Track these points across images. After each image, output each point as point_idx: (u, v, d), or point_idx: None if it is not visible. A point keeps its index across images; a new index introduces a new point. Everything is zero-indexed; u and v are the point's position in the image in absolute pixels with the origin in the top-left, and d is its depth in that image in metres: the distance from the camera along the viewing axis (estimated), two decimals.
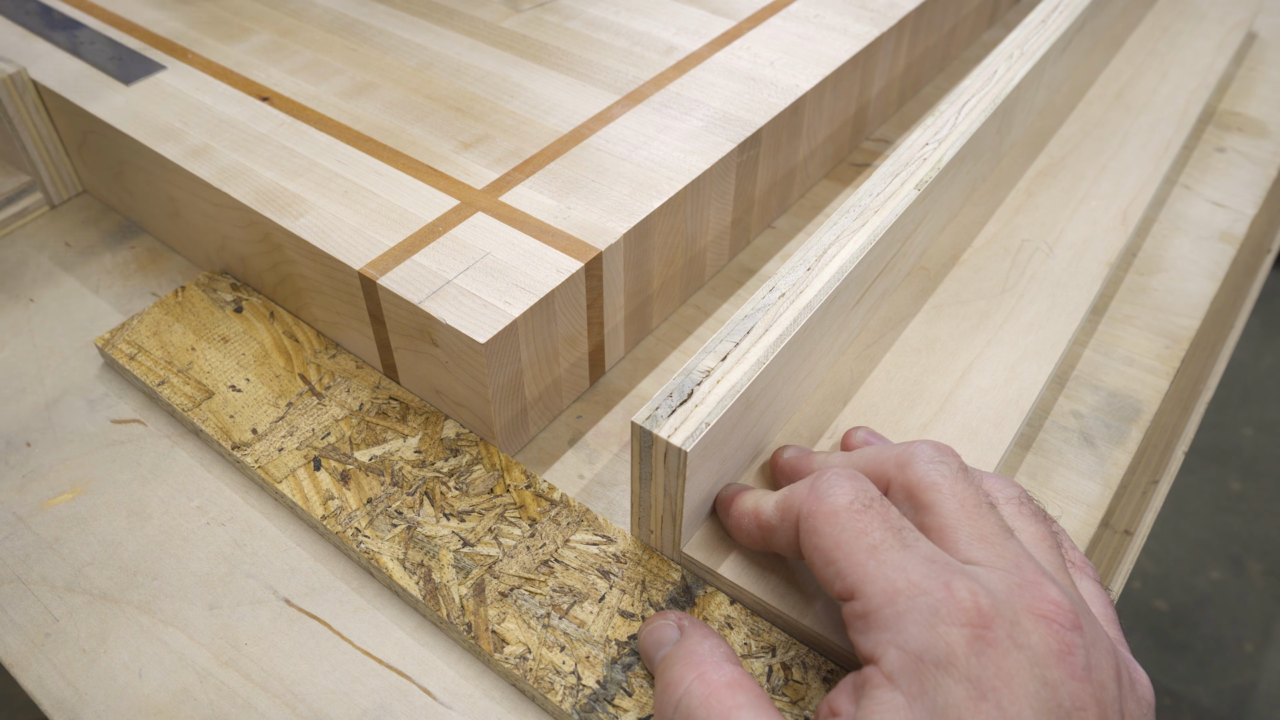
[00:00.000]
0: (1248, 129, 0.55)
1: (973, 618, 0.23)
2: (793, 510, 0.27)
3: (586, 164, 0.40)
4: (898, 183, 0.38)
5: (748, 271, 0.45)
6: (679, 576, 0.32)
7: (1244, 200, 0.50)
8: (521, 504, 0.34)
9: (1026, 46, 0.46)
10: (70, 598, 0.33)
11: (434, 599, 0.31)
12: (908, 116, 0.56)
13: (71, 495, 0.36)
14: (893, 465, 0.28)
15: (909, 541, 0.25)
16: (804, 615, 0.30)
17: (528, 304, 0.33)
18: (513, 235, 0.36)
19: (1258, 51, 0.62)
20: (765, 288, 0.33)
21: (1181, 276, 0.45)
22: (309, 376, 0.38)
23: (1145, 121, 0.51)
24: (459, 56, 0.47)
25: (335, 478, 0.35)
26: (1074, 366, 0.41)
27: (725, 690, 0.25)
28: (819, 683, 0.29)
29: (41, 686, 0.30)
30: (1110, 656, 0.24)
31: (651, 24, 0.50)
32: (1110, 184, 0.47)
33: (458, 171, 0.40)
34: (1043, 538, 0.27)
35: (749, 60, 0.46)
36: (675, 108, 0.43)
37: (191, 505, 0.35)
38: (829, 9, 0.50)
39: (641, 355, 0.41)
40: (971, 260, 0.42)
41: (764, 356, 0.30)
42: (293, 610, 0.32)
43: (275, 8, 0.52)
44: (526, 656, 0.30)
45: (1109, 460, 0.37)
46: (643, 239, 0.38)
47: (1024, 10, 0.66)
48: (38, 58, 0.47)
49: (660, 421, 0.29)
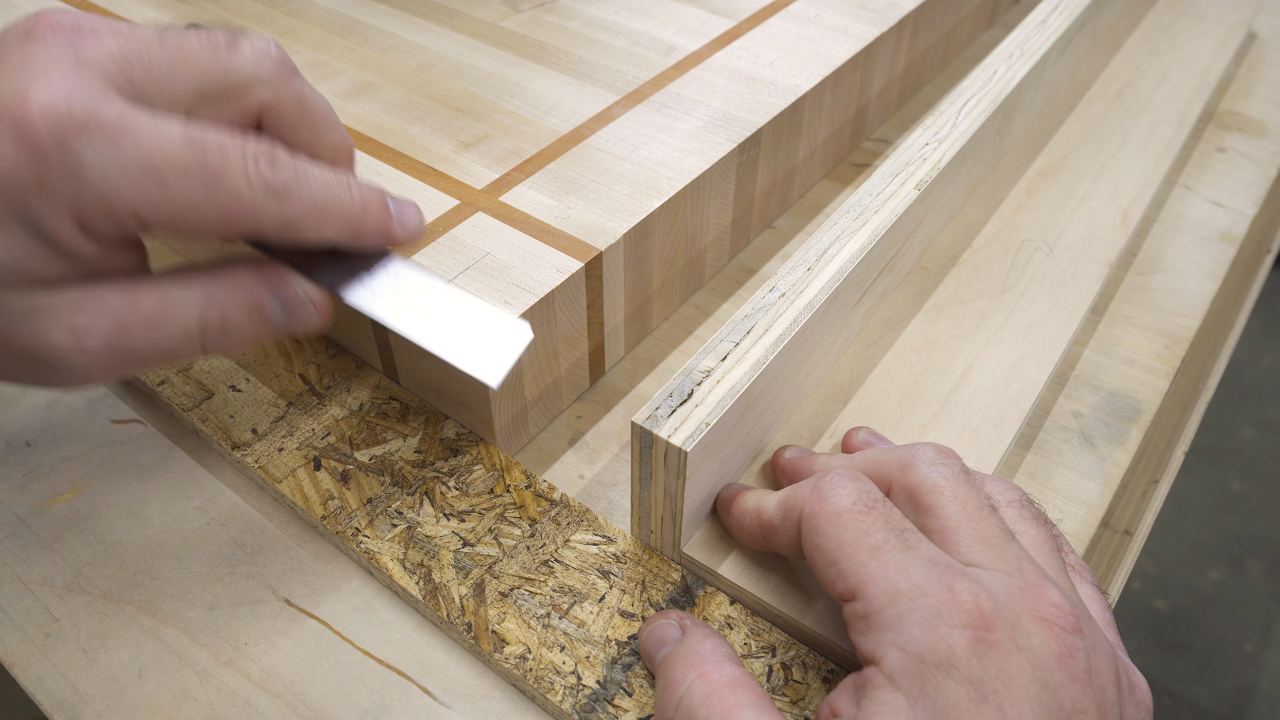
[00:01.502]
0: (1248, 129, 0.55)
1: (974, 620, 0.23)
2: (795, 510, 0.27)
3: (586, 164, 0.40)
4: (898, 183, 0.38)
5: (748, 271, 0.45)
6: (679, 576, 0.32)
7: (1244, 200, 0.50)
8: (521, 504, 0.34)
9: (1026, 46, 0.46)
10: (70, 598, 0.33)
11: (434, 599, 0.31)
12: (908, 116, 0.56)
13: (71, 495, 0.36)
14: (894, 467, 0.28)
15: (911, 543, 0.25)
16: (804, 615, 0.30)
17: (528, 304, 0.33)
18: (513, 235, 0.36)
19: (1258, 51, 0.62)
20: (765, 288, 0.33)
21: (1181, 276, 0.45)
22: (309, 376, 0.38)
23: (1145, 121, 0.51)
24: (459, 56, 0.47)
25: (335, 478, 0.35)
26: (1074, 366, 0.41)
27: (727, 689, 0.25)
28: (819, 683, 0.29)
29: (41, 686, 0.30)
30: (1110, 660, 0.24)
31: (651, 24, 0.50)
32: (1110, 184, 0.47)
33: (458, 171, 0.40)
34: (1043, 541, 0.27)
35: (749, 60, 0.46)
36: (675, 108, 0.43)
37: (191, 505, 0.35)
38: (829, 9, 0.50)
39: (641, 355, 0.41)
40: (971, 260, 0.42)
41: (764, 356, 0.30)
42: (293, 610, 0.32)
43: (275, 8, 0.52)
44: (526, 656, 0.30)
45: (1109, 460, 0.37)
46: (643, 239, 0.38)
47: (1024, 10, 0.66)
48: None
49: (660, 421, 0.29)
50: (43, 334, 0.24)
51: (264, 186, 0.25)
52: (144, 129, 0.24)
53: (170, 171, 0.24)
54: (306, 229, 0.26)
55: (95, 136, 0.23)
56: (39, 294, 0.24)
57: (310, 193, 0.26)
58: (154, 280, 0.26)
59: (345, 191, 0.27)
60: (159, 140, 0.24)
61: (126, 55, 0.25)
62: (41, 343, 0.24)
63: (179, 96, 0.25)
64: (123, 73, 0.25)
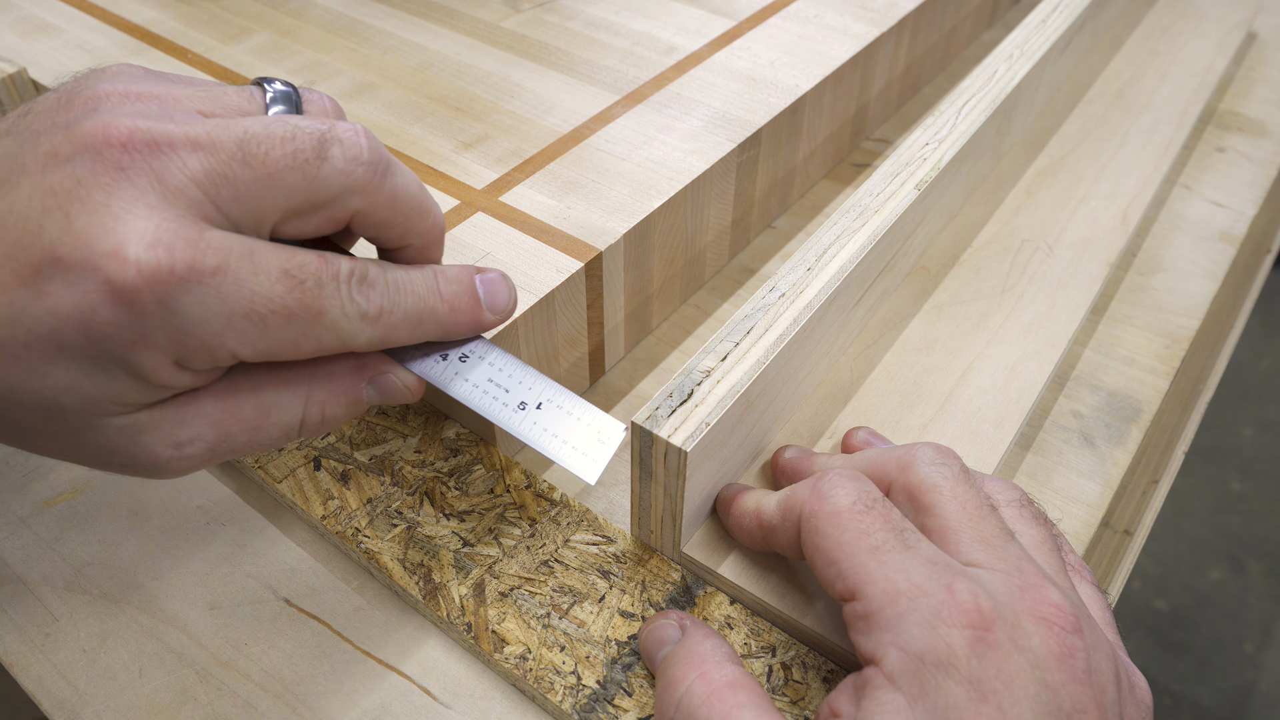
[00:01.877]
0: (1248, 129, 0.55)
1: (974, 620, 0.23)
2: (795, 510, 0.27)
3: (586, 164, 0.40)
4: (898, 183, 0.38)
5: (748, 271, 0.45)
6: (679, 576, 0.32)
7: (1244, 200, 0.50)
8: (521, 504, 0.34)
9: (1026, 46, 0.46)
10: (70, 598, 0.33)
11: (434, 599, 0.31)
12: (908, 116, 0.56)
13: (71, 495, 0.36)
14: (894, 467, 0.28)
15: (911, 543, 0.25)
16: (804, 615, 0.30)
17: (528, 304, 0.33)
18: (513, 235, 0.36)
19: (1258, 51, 0.62)
20: (765, 288, 0.33)
21: (1181, 276, 0.45)
22: None
23: (1145, 121, 0.51)
24: (459, 56, 0.47)
25: (335, 478, 0.35)
26: (1074, 366, 0.41)
27: (727, 689, 0.25)
28: (819, 683, 0.29)
29: (41, 686, 0.30)
30: (1110, 660, 0.24)
31: (651, 24, 0.50)
32: (1110, 184, 0.47)
33: (458, 171, 0.40)
34: (1043, 540, 0.27)
35: (749, 60, 0.46)
36: (675, 108, 0.43)
37: (191, 505, 0.35)
38: (829, 9, 0.50)
39: (641, 355, 0.41)
40: (971, 260, 0.42)
41: (764, 356, 0.30)
42: (293, 610, 0.32)
43: (275, 8, 0.52)
44: (526, 656, 0.30)
45: (1109, 460, 0.37)
46: (643, 239, 0.38)
47: (1024, 10, 0.66)
48: (38, 58, 0.47)
49: (660, 421, 0.29)
50: (147, 449, 0.24)
51: (359, 314, 0.25)
52: (243, 272, 0.23)
53: (270, 314, 0.23)
54: (400, 341, 0.26)
55: (196, 287, 0.22)
56: (138, 414, 0.24)
57: (403, 310, 0.26)
58: (252, 383, 0.26)
59: (436, 300, 0.27)
60: (258, 283, 0.23)
61: (212, 179, 0.23)
62: (146, 456, 0.25)
63: (266, 217, 0.24)
64: (209, 199, 0.23)
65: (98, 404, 0.23)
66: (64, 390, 0.23)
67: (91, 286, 0.22)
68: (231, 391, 0.25)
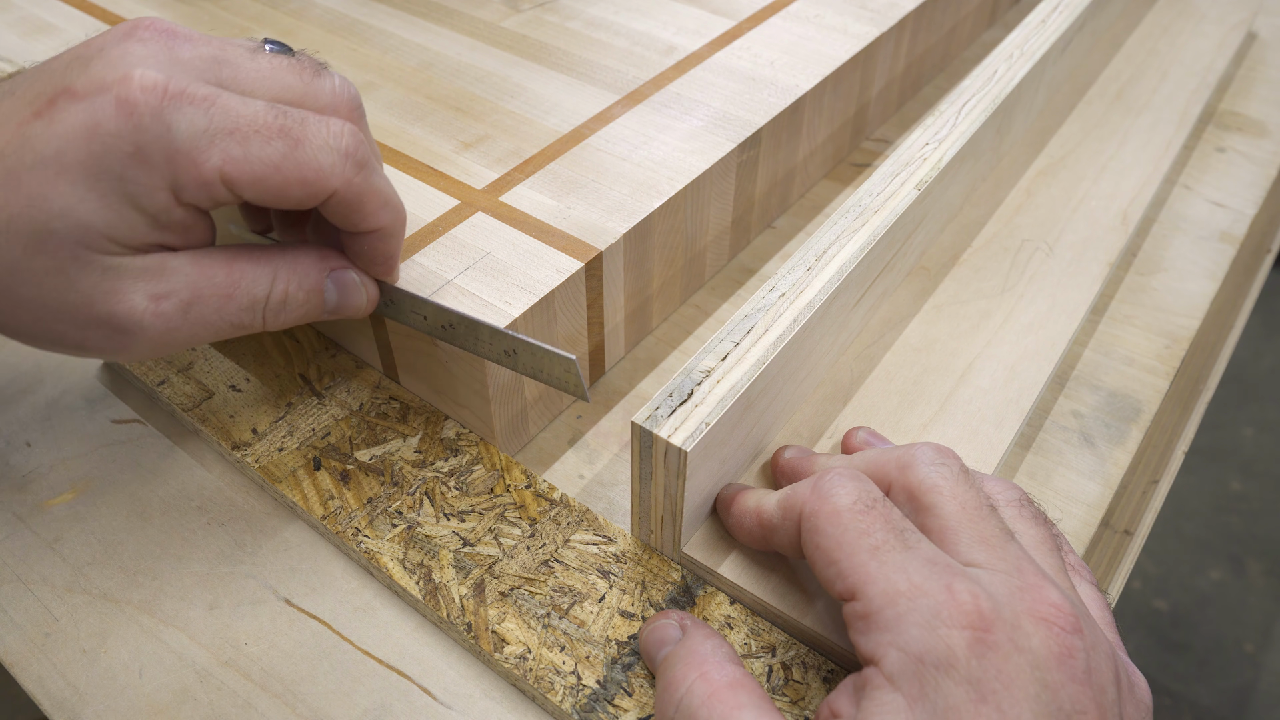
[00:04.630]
0: (1248, 129, 0.55)
1: (974, 620, 0.23)
2: (795, 509, 0.27)
3: (586, 164, 0.40)
4: (898, 183, 0.38)
5: (748, 271, 0.45)
6: (679, 576, 0.32)
7: (1244, 200, 0.50)
8: (521, 504, 0.34)
9: (1026, 46, 0.46)
10: (70, 598, 0.33)
11: (434, 599, 0.31)
12: (908, 116, 0.56)
13: (71, 495, 0.36)
14: (894, 467, 0.28)
15: (911, 543, 0.25)
16: (804, 615, 0.30)
17: (528, 304, 0.33)
18: (513, 235, 0.36)
19: (1258, 51, 0.62)
20: (765, 288, 0.33)
21: (1181, 276, 0.45)
22: (309, 376, 0.38)
23: (1145, 121, 0.51)
24: (459, 56, 0.47)
25: (335, 478, 0.35)
26: (1074, 366, 0.41)
27: (727, 690, 0.25)
28: (819, 683, 0.29)
29: (41, 686, 0.30)
30: (1110, 660, 0.24)
31: (651, 24, 0.49)
32: (1110, 184, 0.47)
33: (458, 171, 0.40)
34: (1043, 540, 0.27)
35: (749, 60, 0.46)
36: (675, 108, 0.43)
37: (191, 505, 0.35)
38: (829, 9, 0.50)
39: (641, 355, 0.41)
40: (971, 260, 0.42)
41: (764, 356, 0.30)
42: (293, 610, 0.32)
43: (275, 8, 0.52)
44: (526, 656, 0.30)
45: (1109, 460, 0.37)
46: (643, 239, 0.38)
47: (1024, 10, 0.66)
48: (38, 58, 0.47)
49: (660, 421, 0.29)
50: (125, 297, 0.26)
51: (342, 153, 0.27)
52: (231, 101, 0.26)
53: (253, 132, 0.26)
54: (367, 209, 0.29)
55: (187, 107, 0.25)
56: (123, 258, 0.26)
57: (380, 177, 0.29)
58: (226, 254, 0.29)
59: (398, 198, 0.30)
60: (245, 108, 0.26)
61: (217, 59, 0.27)
62: (124, 306, 0.27)
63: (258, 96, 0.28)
64: (213, 72, 0.27)
65: (89, 235, 0.26)
66: (60, 214, 0.25)
67: (99, 104, 0.25)
68: (208, 256, 0.28)
